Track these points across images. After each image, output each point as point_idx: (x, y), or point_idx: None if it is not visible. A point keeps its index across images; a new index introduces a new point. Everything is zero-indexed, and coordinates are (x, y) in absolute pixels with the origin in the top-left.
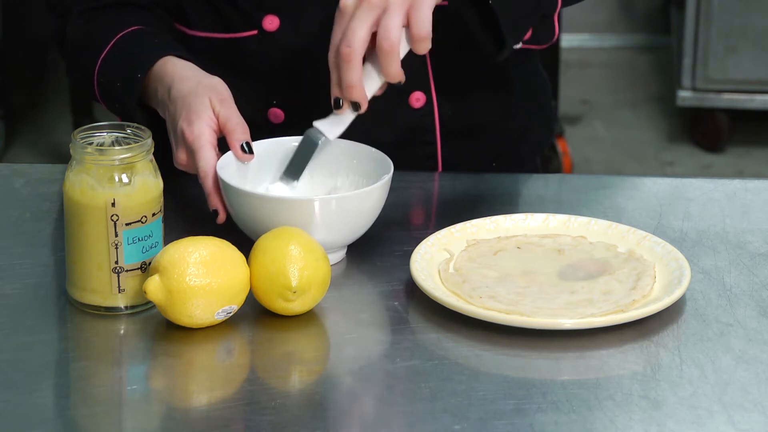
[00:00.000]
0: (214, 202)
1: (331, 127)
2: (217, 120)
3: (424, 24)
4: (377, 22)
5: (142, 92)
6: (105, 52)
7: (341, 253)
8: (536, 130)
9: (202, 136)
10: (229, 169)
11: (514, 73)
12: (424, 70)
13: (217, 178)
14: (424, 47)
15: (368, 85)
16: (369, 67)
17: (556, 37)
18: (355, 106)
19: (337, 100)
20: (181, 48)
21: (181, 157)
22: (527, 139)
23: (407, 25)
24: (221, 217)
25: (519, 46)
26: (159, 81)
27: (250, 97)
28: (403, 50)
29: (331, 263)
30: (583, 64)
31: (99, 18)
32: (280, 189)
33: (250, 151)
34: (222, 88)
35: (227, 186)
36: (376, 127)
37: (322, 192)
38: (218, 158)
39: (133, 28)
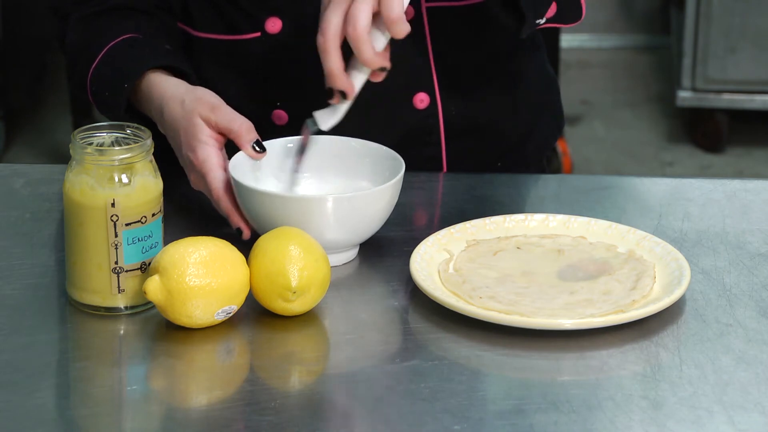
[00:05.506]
0: (236, 221)
1: (326, 117)
2: (217, 129)
3: (393, 6)
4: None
5: (132, 99)
6: (96, 60)
7: (353, 252)
8: (542, 128)
9: (208, 159)
10: (240, 168)
11: (520, 71)
12: (428, 71)
13: (231, 198)
14: (400, 30)
15: (354, 73)
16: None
17: (583, 16)
18: (342, 94)
19: (329, 90)
20: (172, 55)
21: (194, 182)
22: (533, 138)
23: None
24: (246, 234)
25: (543, 22)
26: (147, 99)
27: (254, 99)
28: (384, 37)
29: (343, 262)
30: (583, 64)
31: (95, 25)
32: (290, 183)
33: (263, 149)
34: (209, 96)
35: (239, 185)
36: (381, 129)
37: (334, 191)
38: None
39: (125, 36)
